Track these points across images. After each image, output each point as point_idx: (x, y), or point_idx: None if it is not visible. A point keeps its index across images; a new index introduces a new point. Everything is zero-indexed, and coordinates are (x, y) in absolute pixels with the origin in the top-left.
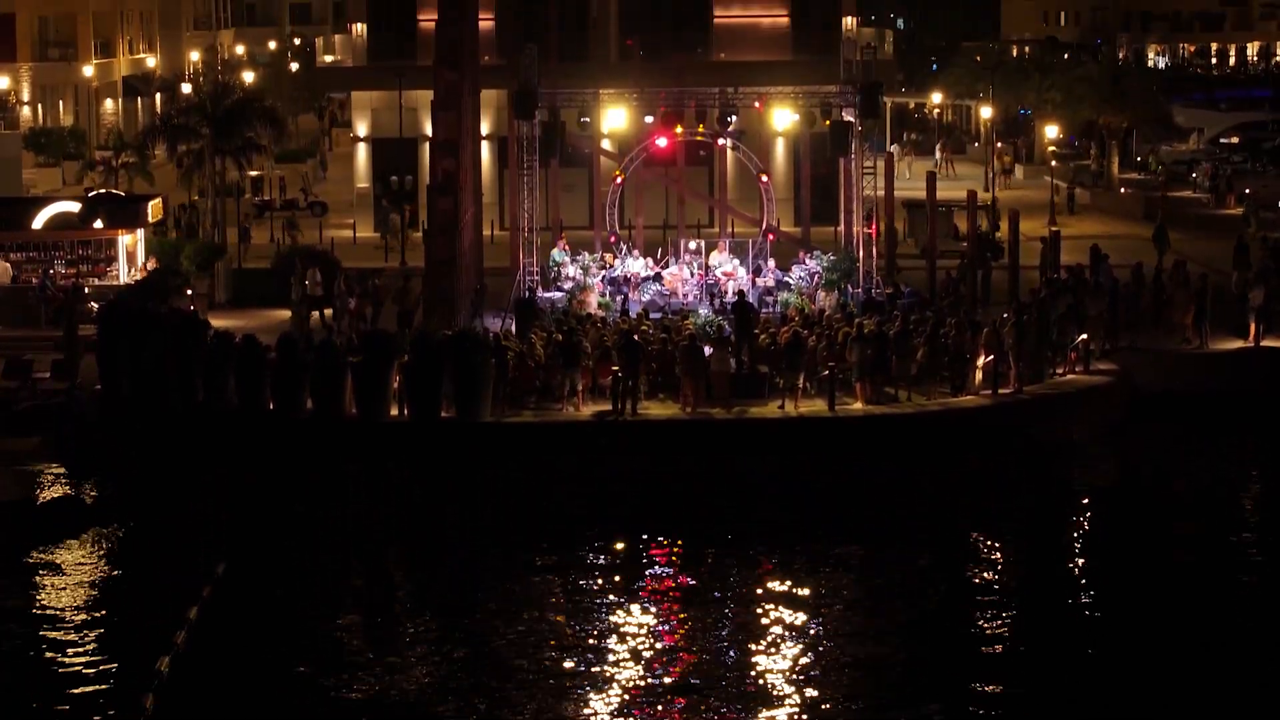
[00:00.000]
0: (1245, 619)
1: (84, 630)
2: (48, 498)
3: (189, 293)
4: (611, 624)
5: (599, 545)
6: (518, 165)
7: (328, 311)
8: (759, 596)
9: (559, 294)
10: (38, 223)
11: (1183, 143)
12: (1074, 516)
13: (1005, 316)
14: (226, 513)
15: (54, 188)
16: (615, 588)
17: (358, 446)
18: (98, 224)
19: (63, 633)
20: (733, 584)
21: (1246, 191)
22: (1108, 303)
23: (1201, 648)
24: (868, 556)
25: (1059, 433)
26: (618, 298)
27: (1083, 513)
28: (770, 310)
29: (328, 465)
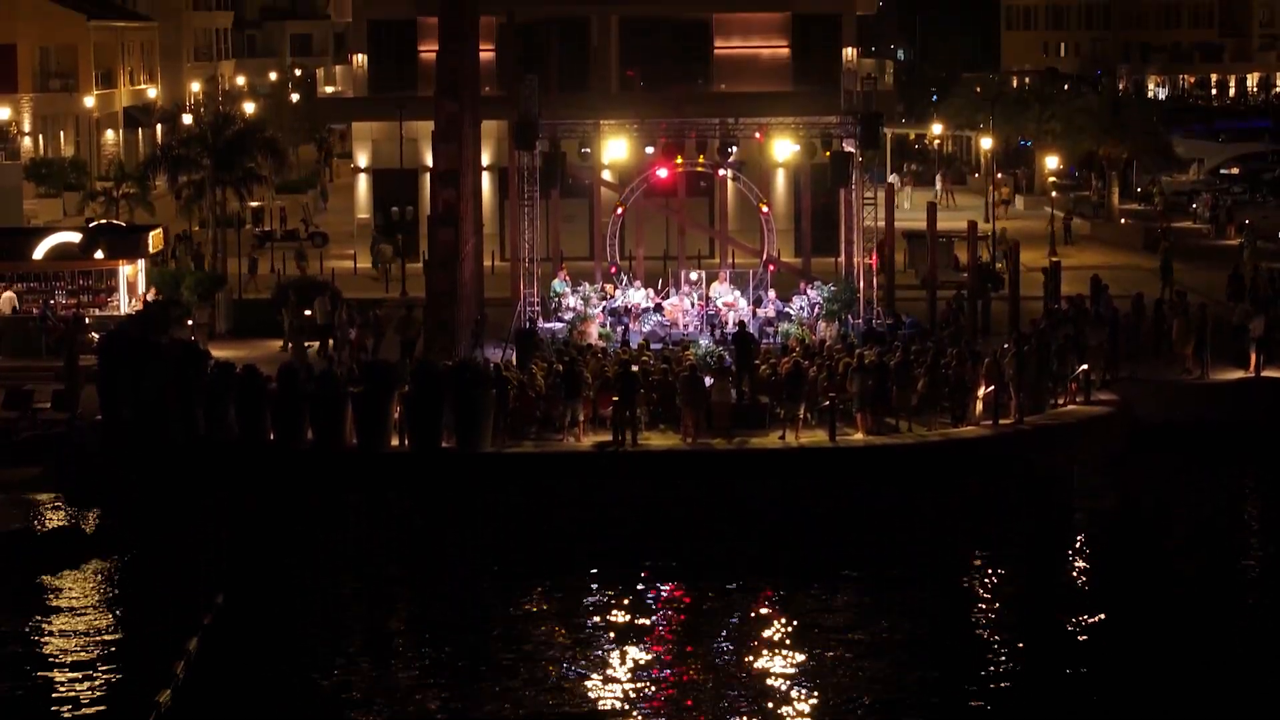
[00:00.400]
0: (1244, 647)
1: (84, 660)
2: (48, 528)
3: (189, 323)
4: (611, 653)
5: (599, 575)
6: (518, 196)
7: (329, 342)
8: (759, 625)
9: (559, 325)
10: (38, 253)
11: (1183, 173)
12: (1074, 546)
13: (1006, 347)
14: (226, 543)
15: (55, 218)
16: (615, 617)
17: (358, 477)
18: (98, 254)
19: (63, 663)
20: (732, 613)
21: (1246, 222)
22: (1108, 333)
23: (1200, 673)
24: (868, 585)
25: (1059, 463)
26: (618, 328)
27: (1083, 543)
28: (771, 341)
29: (328, 495)
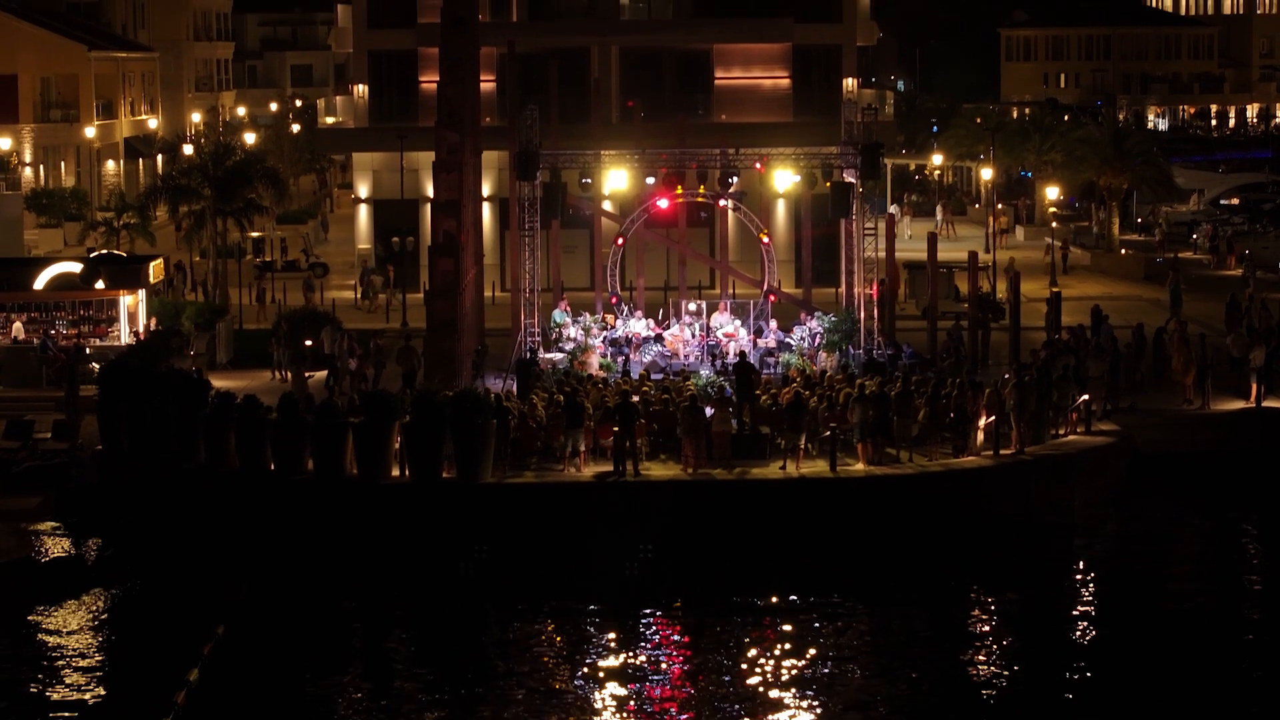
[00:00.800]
0: (1244, 678)
1: (85, 690)
2: (48, 557)
3: (190, 353)
4: (612, 683)
5: (599, 605)
6: (519, 226)
7: (321, 373)
8: (759, 655)
9: (560, 355)
10: (39, 283)
11: (1183, 204)
12: (1074, 576)
13: (1006, 377)
14: (227, 573)
15: (55, 248)
16: (616, 647)
17: (358, 507)
18: (99, 284)
19: (64, 692)
20: (733, 643)
21: (1246, 253)
22: (1109, 364)
23: (1199, 703)
24: (868, 615)
25: (1060, 494)
26: (619, 359)
27: (1083, 573)
28: (771, 371)
29: (328, 525)
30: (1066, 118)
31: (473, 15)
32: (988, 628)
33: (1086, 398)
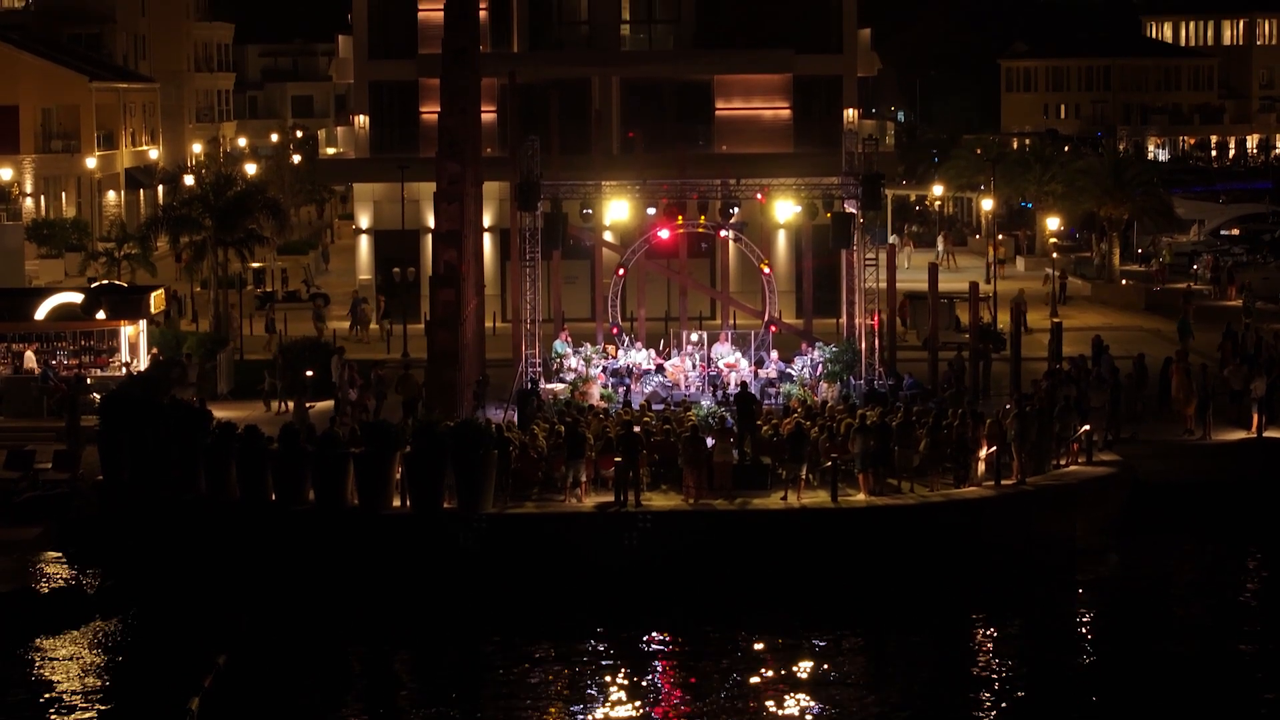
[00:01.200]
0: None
1: None
2: (49, 588)
3: (191, 383)
4: (613, 712)
5: (600, 635)
6: (520, 257)
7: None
8: (761, 685)
9: (561, 385)
10: (40, 313)
11: (1183, 234)
12: (1075, 607)
13: (1008, 407)
14: (228, 604)
15: (56, 279)
16: (617, 677)
17: (359, 537)
18: (100, 315)
19: None
20: (735, 673)
21: (1247, 284)
22: (1110, 394)
23: None
24: (869, 645)
25: (1061, 524)
26: (620, 389)
27: (1084, 603)
28: (772, 401)
29: (329, 556)
30: (1067, 148)
31: (474, 46)
32: (989, 658)
33: (1088, 428)
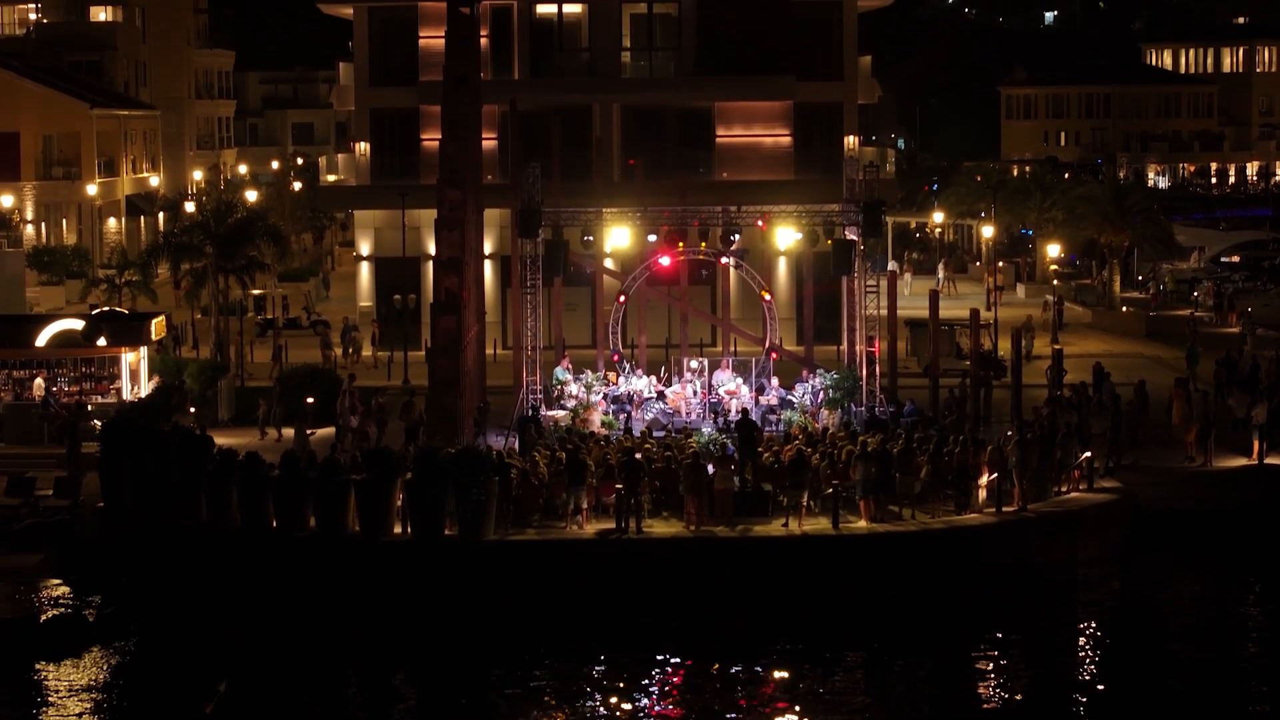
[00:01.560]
0: None
1: None
2: (50, 615)
3: (191, 410)
4: None
5: (602, 663)
6: (521, 284)
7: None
8: (763, 712)
9: (562, 412)
10: (41, 340)
11: (1184, 261)
12: (1076, 635)
13: (1009, 434)
14: (229, 630)
15: (57, 306)
16: (619, 706)
17: (360, 564)
18: (101, 341)
19: None
20: (736, 700)
21: (1248, 310)
22: (1111, 421)
23: None
24: (871, 672)
25: (1063, 551)
26: (621, 416)
27: (1085, 630)
28: (773, 428)
29: (330, 583)
30: (1067, 176)
31: (474, 73)
32: (990, 685)
33: (1089, 455)
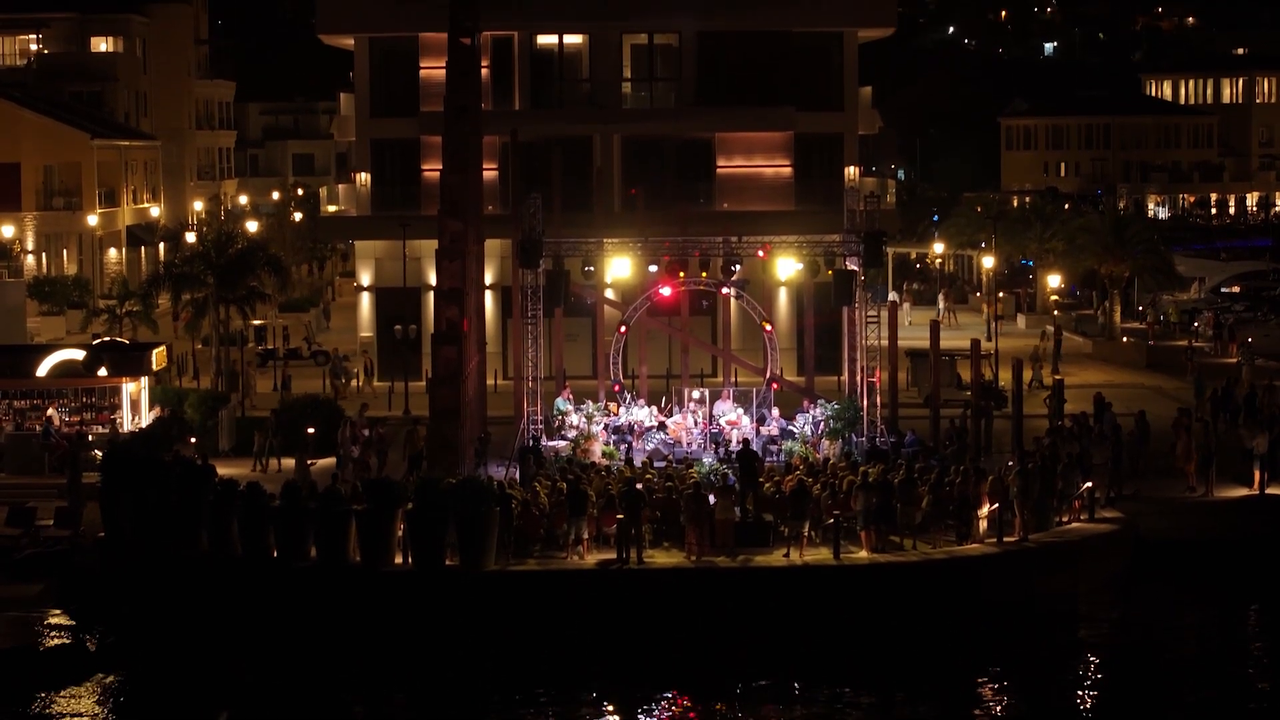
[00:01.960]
0: None
1: None
2: (50, 645)
3: (192, 440)
4: None
5: (602, 692)
6: (522, 314)
7: (326, 461)
8: None
9: (563, 443)
10: (42, 370)
11: (1184, 292)
12: (1077, 665)
13: (1010, 464)
14: (230, 660)
15: (58, 336)
16: None
17: (361, 594)
18: (102, 372)
19: None
20: None
21: (1249, 340)
22: (1112, 451)
23: None
24: (872, 703)
25: (1064, 581)
26: (622, 446)
27: (1086, 661)
28: (774, 459)
29: (331, 613)
30: (1067, 206)
31: (475, 104)
32: (991, 715)
33: (1090, 485)
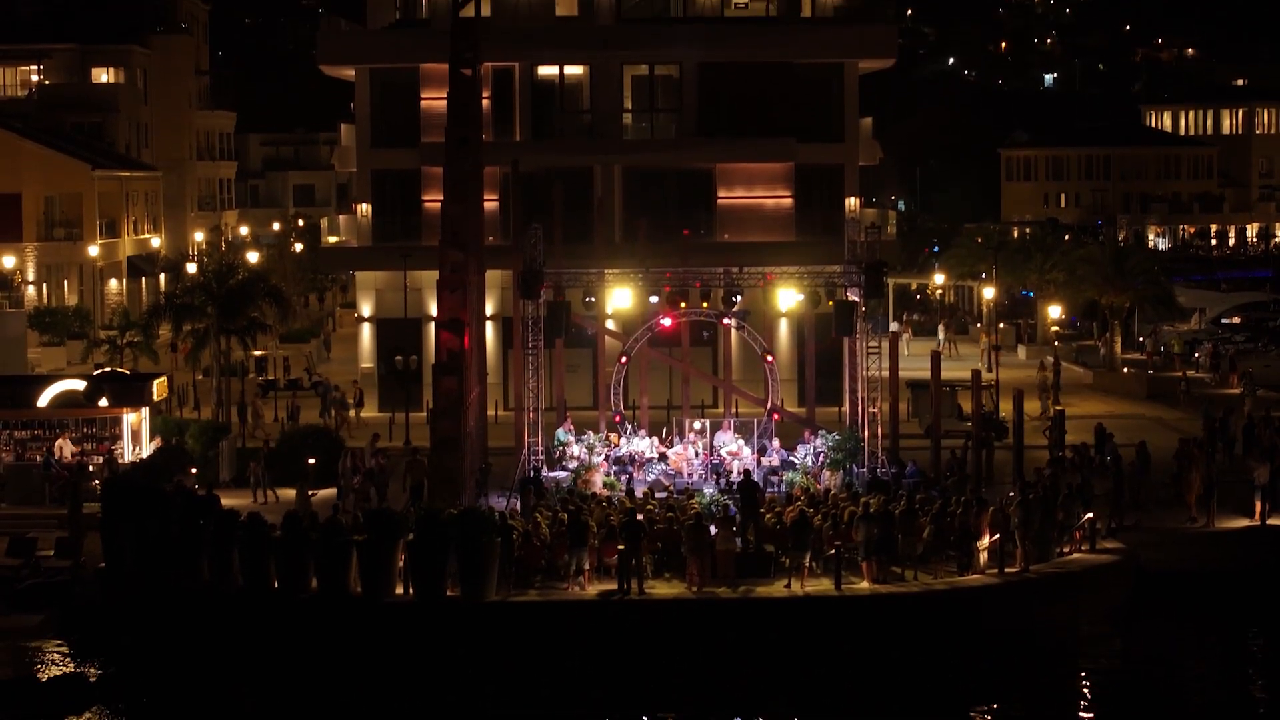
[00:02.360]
0: None
1: None
2: (50, 676)
3: (193, 471)
4: None
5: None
6: (523, 345)
7: (327, 492)
8: None
9: (564, 473)
10: (43, 400)
11: (1184, 323)
12: (1078, 696)
13: (1011, 495)
14: (231, 691)
15: (58, 366)
16: None
17: (362, 625)
18: (103, 402)
19: None
20: None
21: (1249, 371)
22: (1113, 482)
23: None
24: None
25: (1065, 612)
26: (623, 477)
27: (1086, 692)
28: (775, 489)
29: (332, 643)
30: (1067, 237)
31: (476, 135)
32: None
33: (1091, 516)
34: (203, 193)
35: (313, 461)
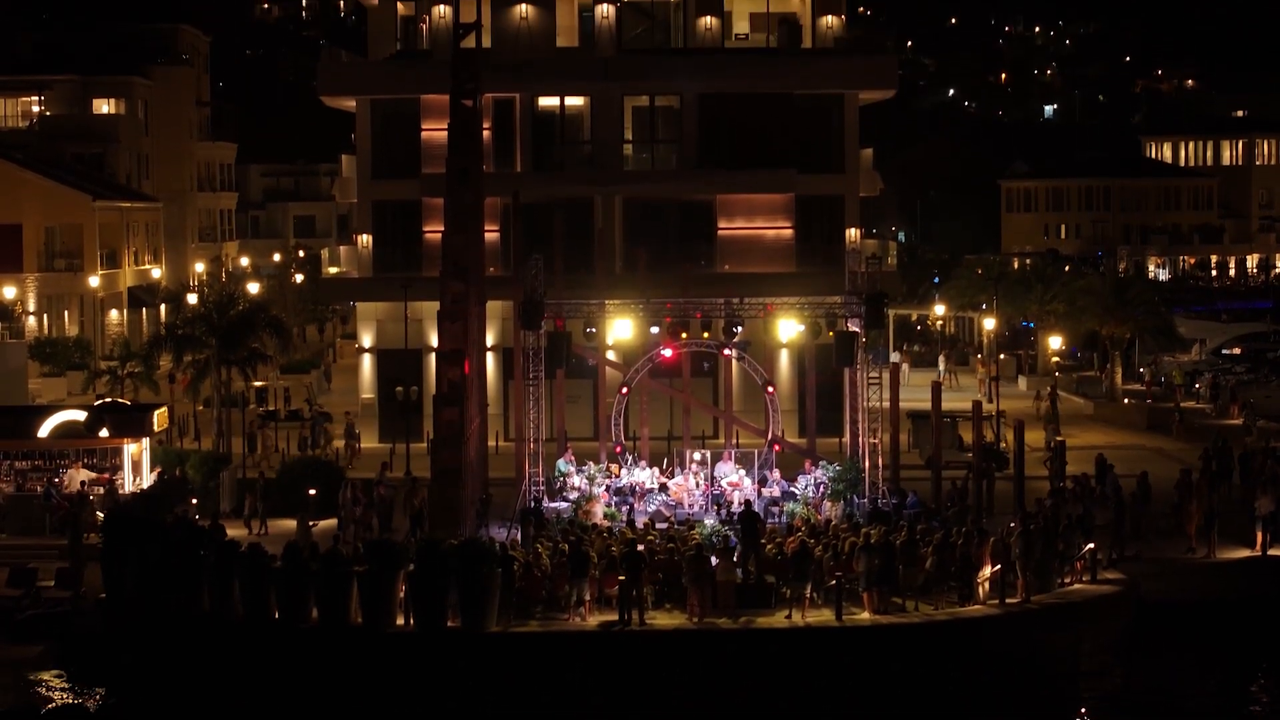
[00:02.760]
0: None
1: None
2: (51, 706)
3: (194, 501)
4: None
5: None
6: (524, 375)
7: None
8: None
9: (565, 504)
10: (43, 431)
11: (1185, 353)
12: None
13: (1012, 526)
14: None
15: (59, 397)
16: None
17: (363, 656)
18: (103, 433)
19: None
20: None
21: (1250, 401)
22: (1114, 512)
23: None
24: None
25: (1066, 642)
26: (624, 508)
27: None
28: (776, 520)
29: (333, 674)
30: (1067, 268)
31: (477, 166)
32: None
33: (1092, 546)
34: (203, 224)
35: (313, 492)
